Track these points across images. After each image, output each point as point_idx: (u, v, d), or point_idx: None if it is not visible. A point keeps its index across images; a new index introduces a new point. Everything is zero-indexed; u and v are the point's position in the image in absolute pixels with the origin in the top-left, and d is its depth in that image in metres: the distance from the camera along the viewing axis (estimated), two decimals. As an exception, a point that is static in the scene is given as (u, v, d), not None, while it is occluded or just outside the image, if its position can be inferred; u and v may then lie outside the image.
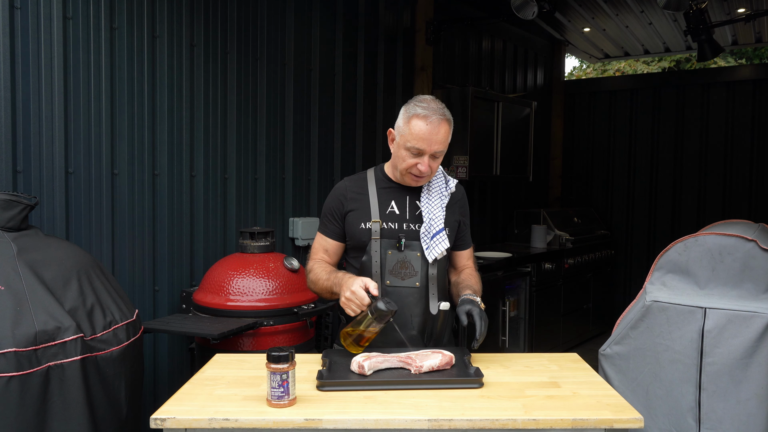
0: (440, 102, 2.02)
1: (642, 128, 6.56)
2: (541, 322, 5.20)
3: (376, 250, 2.02)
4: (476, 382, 1.68)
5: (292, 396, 1.54)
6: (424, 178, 2.03)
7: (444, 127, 1.96)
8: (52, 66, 2.66)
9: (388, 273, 2.01)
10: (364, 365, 1.71)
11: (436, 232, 2.00)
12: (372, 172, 2.15)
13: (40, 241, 2.17)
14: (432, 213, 2.03)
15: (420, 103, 1.98)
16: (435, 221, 2.01)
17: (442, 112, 1.97)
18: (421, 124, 1.93)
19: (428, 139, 1.93)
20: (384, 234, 2.02)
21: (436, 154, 1.97)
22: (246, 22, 3.54)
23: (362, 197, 2.08)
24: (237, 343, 2.78)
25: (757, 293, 2.48)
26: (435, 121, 1.94)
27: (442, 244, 2.00)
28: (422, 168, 1.97)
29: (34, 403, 1.87)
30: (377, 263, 2.01)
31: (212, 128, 3.38)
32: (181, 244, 3.25)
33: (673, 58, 11.74)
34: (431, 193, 2.07)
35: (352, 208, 2.08)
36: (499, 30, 5.75)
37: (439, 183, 2.11)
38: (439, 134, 1.95)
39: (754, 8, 5.16)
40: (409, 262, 2.01)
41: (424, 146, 1.94)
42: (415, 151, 1.95)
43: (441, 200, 2.07)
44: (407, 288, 2.01)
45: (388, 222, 2.04)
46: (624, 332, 2.61)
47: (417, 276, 2.01)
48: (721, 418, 2.39)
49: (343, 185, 2.14)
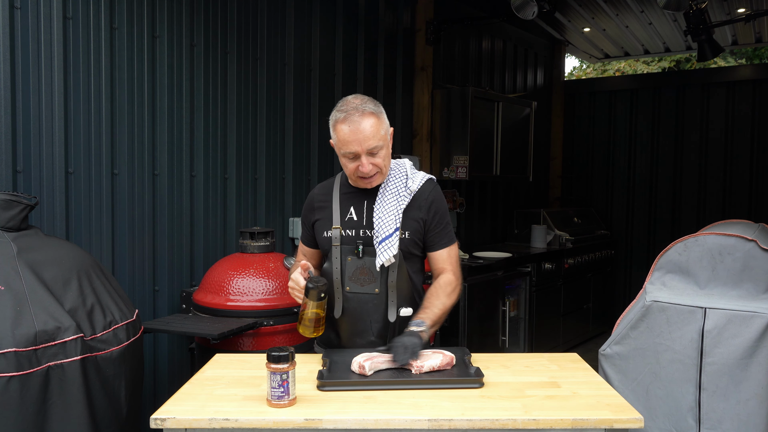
0: (365, 97, 1.95)
1: (642, 128, 6.56)
2: (541, 322, 5.20)
3: (337, 257, 2.00)
4: (476, 382, 1.68)
5: (292, 396, 1.54)
6: (376, 177, 1.96)
7: (367, 121, 1.88)
8: (52, 66, 2.66)
9: (348, 279, 1.99)
10: (365, 365, 1.71)
11: (384, 237, 1.94)
12: (338, 178, 2.11)
13: (40, 241, 2.17)
14: (381, 218, 1.96)
15: (340, 106, 1.93)
16: (384, 226, 1.95)
17: (362, 108, 1.89)
18: (343, 128, 1.89)
19: (355, 139, 1.87)
20: (344, 241, 2.00)
21: (372, 150, 1.89)
22: (246, 22, 3.54)
23: (327, 204, 2.07)
24: (237, 343, 2.78)
25: (757, 293, 2.48)
26: (356, 119, 1.87)
27: (390, 249, 1.93)
28: (364, 169, 1.91)
29: (34, 403, 1.87)
30: (338, 270, 2.00)
31: (212, 128, 3.38)
32: (181, 244, 3.25)
33: (673, 58, 11.74)
34: (385, 195, 1.99)
35: (318, 217, 2.08)
36: (499, 30, 5.75)
37: (397, 184, 2.01)
38: (365, 131, 1.87)
39: (754, 8, 5.16)
40: (368, 269, 1.98)
41: (356, 147, 1.88)
42: (350, 156, 1.91)
43: (397, 202, 1.98)
44: (366, 294, 1.99)
45: (347, 229, 2.02)
46: (624, 332, 2.61)
47: (376, 282, 1.98)
48: (721, 418, 2.39)
49: (312, 193, 2.15)
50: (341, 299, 2.01)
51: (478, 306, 4.36)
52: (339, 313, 2.02)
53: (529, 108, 5.42)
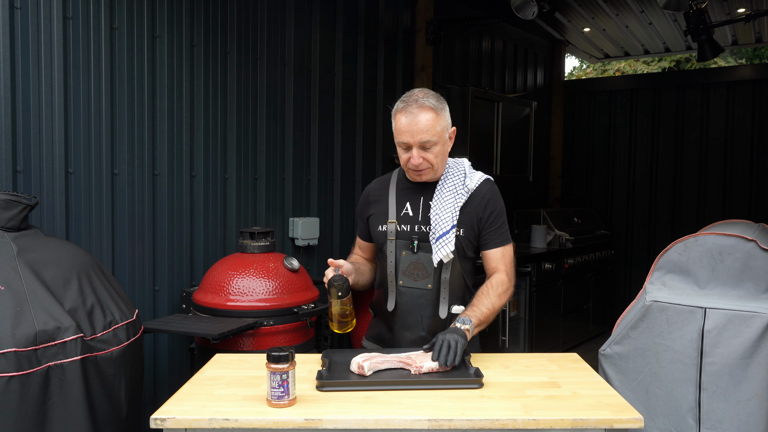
0: (429, 91, 1.96)
1: (642, 128, 6.56)
2: (541, 322, 5.20)
3: (391, 251, 2.02)
4: (476, 383, 1.67)
5: (292, 396, 1.54)
6: (426, 172, 1.97)
7: (425, 114, 1.89)
8: (52, 66, 2.66)
9: (402, 274, 2.02)
10: (364, 366, 1.71)
11: (441, 235, 1.95)
12: (395, 173, 2.14)
13: (40, 241, 2.17)
14: (439, 215, 1.97)
15: (403, 98, 1.95)
16: (441, 223, 1.96)
17: (422, 101, 1.90)
18: (401, 118, 1.91)
19: (409, 130, 1.89)
20: (399, 236, 2.02)
21: (425, 144, 1.91)
22: (246, 22, 3.54)
23: (383, 199, 2.10)
24: (237, 343, 2.78)
25: (757, 293, 2.48)
26: (414, 111, 1.89)
27: (446, 246, 1.94)
28: (414, 161, 1.92)
29: (34, 403, 1.87)
30: (392, 264, 2.02)
31: (212, 128, 3.38)
32: (181, 244, 3.25)
33: (673, 58, 11.75)
34: (443, 192, 2.01)
35: (372, 212, 2.11)
36: (499, 30, 5.75)
37: (455, 181, 2.03)
38: (420, 123, 1.88)
39: (754, 8, 5.16)
40: (422, 264, 2.00)
41: (408, 138, 1.91)
42: (404, 146, 1.94)
43: (454, 199, 1.99)
44: (419, 290, 2.01)
45: (403, 224, 2.03)
46: (624, 332, 2.61)
47: (429, 278, 2.00)
48: (721, 418, 2.39)
49: (369, 188, 2.18)
50: (395, 293, 2.03)
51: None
52: (392, 306, 2.04)
53: (529, 108, 5.42)
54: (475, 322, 1.86)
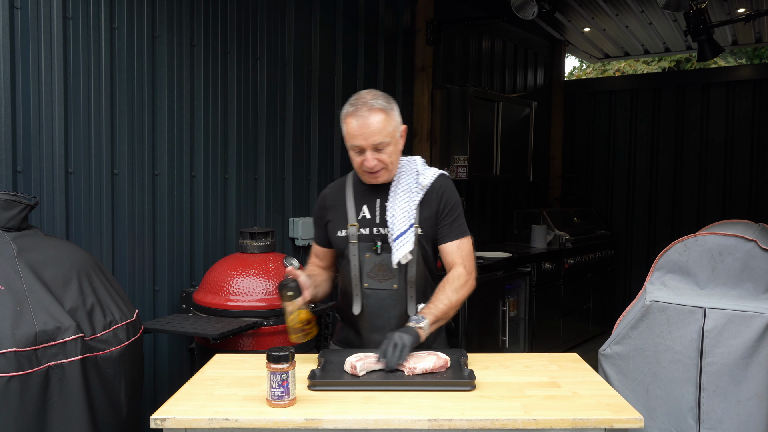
0: (378, 92, 1.95)
1: (642, 128, 6.56)
2: (541, 322, 5.19)
3: (354, 254, 2.00)
4: (468, 385, 1.66)
5: (292, 396, 1.54)
6: (381, 173, 1.96)
7: (375, 116, 1.88)
8: (52, 66, 2.66)
9: (366, 276, 2.00)
10: (357, 365, 1.71)
11: (398, 235, 1.94)
12: (350, 177, 2.12)
13: (40, 241, 2.17)
14: (395, 215, 1.96)
15: (352, 100, 1.93)
16: (397, 223, 1.95)
17: (371, 103, 1.89)
18: (351, 122, 1.90)
19: (361, 133, 1.88)
20: (361, 238, 2.01)
21: (378, 146, 1.89)
22: (246, 22, 3.54)
23: (340, 204, 2.07)
24: (237, 343, 2.78)
25: (757, 293, 2.48)
26: (364, 114, 1.88)
27: (406, 246, 1.93)
28: (368, 164, 1.91)
29: (34, 403, 1.87)
30: (356, 267, 2.00)
31: (212, 128, 3.38)
32: (181, 244, 3.25)
33: (673, 58, 11.74)
34: (397, 192, 2.00)
35: (330, 218, 2.08)
36: (499, 30, 5.75)
37: (408, 180, 2.01)
38: (371, 126, 1.87)
39: (754, 8, 5.16)
40: (386, 265, 1.98)
41: (360, 141, 1.89)
42: (356, 149, 1.92)
43: (409, 198, 1.98)
44: (385, 290, 1.99)
45: (363, 227, 2.02)
46: (624, 332, 2.61)
47: (395, 278, 1.98)
48: (721, 418, 2.39)
49: (324, 193, 2.15)
50: (360, 296, 2.01)
51: (478, 306, 4.35)
52: (358, 310, 2.01)
53: (529, 108, 5.42)
54: (431, 319, 1.84)
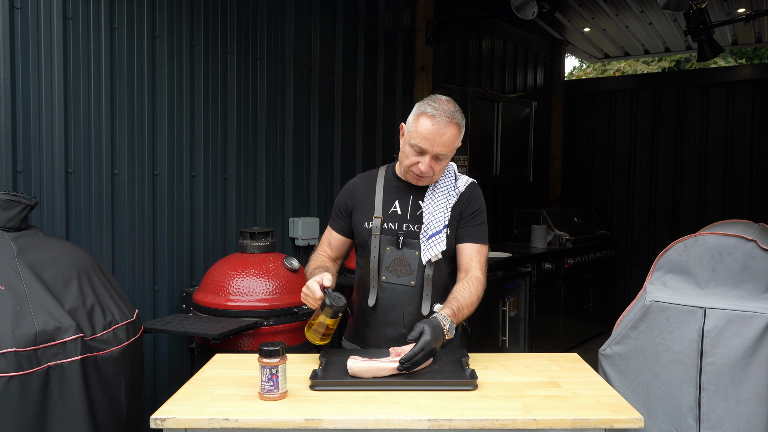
0: (456, 105, 1.97)
1: (642, 128, 6.56)
2: (541, 322, 5.19)
3: (375, 246, 2.02)
4: (470, 384, 1.66)
5: (282, 390, 1.57)
6: (425, 179, 2.00)
7: (451, 129, 1.92)
8: (52, 66, 2.66)
9: (385, 269, 2.01)
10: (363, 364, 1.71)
11: (433, 234, 1.97)
12: (383, 170, 2.14)
13: (40, 241, 2.17)
14: (432, 214, 1.99)
15: (432, 102, 1.95)
16: (434, 222, 1.98)
17: (451, 115, 1.92)
18: (427, 123, 1.91)
19: (431, 138, 1.90)
20: (384, 232, 2.02)
21: (439, 156, 1.93)
22: (246, 22, 3.54)
23: (369, 195, 2.09)
24: (237, 343, 2.78)
25: (757, 293, 2.48)
26: (442, 122, 1.90)
27: (438, 245, 1.96)
28: (422, 168, 1.94)
29: (34, 403, 1.87)
30: (375, 258, 2.01)
31: (212, 128, 3.38)
32: (181, 244, 3.25)
33: (673, 58, 11.75)
34: (435, 192, 2.03)
35: (357, 208, 2.09)
36: (499, 30, 5.75)
37: (447, 183, 2.05)
38: (444, 136, 1.90)
39: (754, 8, 5.16)
40: (406, 261, 2.00)
41: (427, 145, 1.91)
42: (417, 149, 1.93)
43: (446, 200, 2.02)
44: (402, 286, 2.00)
45: (389, 221, 2.03)
46: (624, 332, 2.61)
47: (413, 275, 2.00)
48: (721, 418, 2.39)
49: (354, 182, 2.16)
50: (376, 288, 2.01)
51: (478, 306, 4.34)
52: (373, 302, 2.02)
53: (529, 108, 5.42)
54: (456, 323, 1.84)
